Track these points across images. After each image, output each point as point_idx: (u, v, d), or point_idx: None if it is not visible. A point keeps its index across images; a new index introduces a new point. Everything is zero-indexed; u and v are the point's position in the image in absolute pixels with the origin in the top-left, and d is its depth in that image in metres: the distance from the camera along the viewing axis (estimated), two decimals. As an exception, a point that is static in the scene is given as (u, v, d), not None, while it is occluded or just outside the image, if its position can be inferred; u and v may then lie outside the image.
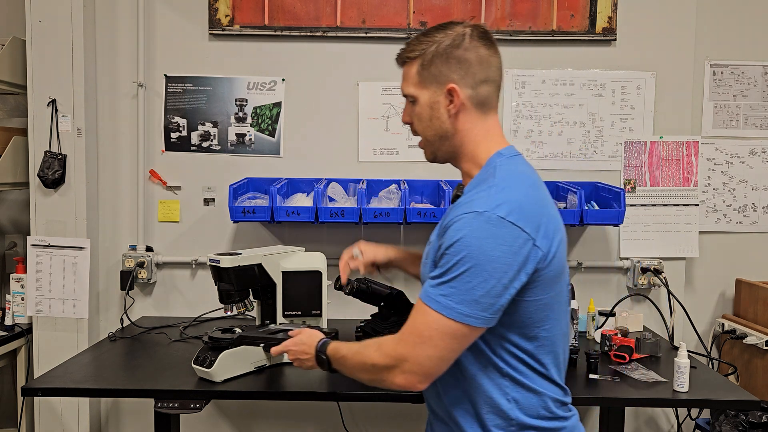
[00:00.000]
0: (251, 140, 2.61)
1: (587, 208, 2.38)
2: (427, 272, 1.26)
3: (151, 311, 2.64)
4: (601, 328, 2.28)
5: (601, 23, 2.59)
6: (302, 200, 2.45)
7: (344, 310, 2.47)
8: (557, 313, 1.27)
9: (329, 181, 2.50)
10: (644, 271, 2.59)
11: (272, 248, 2.10)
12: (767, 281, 2.66)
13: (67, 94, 2.46)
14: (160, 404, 1.72)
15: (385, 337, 1.28)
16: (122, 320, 2.45)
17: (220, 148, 2.61)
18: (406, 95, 1.35)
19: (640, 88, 2.62)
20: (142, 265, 2.54)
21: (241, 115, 2.60)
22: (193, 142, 2.61)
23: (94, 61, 2.54)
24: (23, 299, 2.53)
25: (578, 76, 2.62)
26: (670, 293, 2.56)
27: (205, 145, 2.61)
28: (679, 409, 2.58)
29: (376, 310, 2.12)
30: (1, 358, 2.49)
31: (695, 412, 2.54)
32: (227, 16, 2.57)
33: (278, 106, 2.61)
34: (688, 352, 1.85)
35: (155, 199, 2.62)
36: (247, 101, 2.60)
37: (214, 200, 2.63)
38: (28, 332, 2.53)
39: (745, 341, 2.52)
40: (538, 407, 1.25)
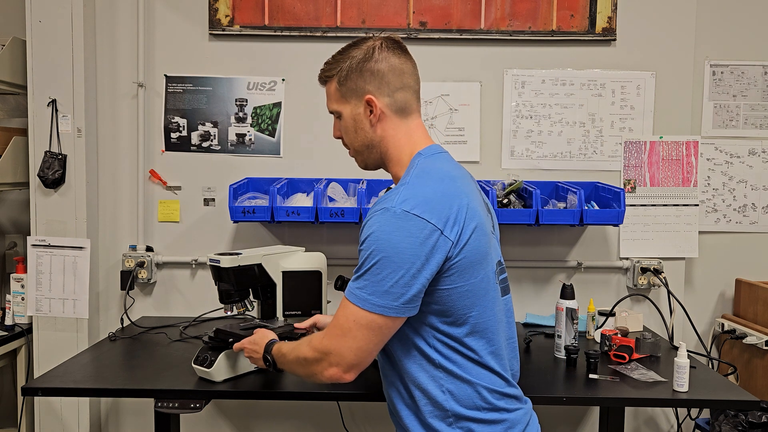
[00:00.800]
0: (251, 140, 2.61)
1: (587, 208, 2.38)
2: None
3: (151, 311, 2.64)
4: (600, 328, 2.28)
5: (600, 23, 2.59)
6: (302, 200, 2.45)
7: (344, 310, 2.47)
8: (486, 300, 1.29)
9: (329, 181, 2.50)
10: (644, 271, 2.59)
11: (272, 248, 2.09)
12: (767, 281, 2.66)
13: (67, 94, 2.46)
14: (160, 404, 1.72)
15: (317, 332, 1.35)
16: (122, 320, 2.45)
17: (220, 148, 2.61)
18: (331, 112, 1.44)
19: (639, 88, 2.62)
20: (142, 265, 2.54)
21: (241, 115, 2.60)
22: (193, 142, 2.62)
23: (94, 61, 2.54)
24: (23, 299, 2.53)
25: (578, 76, 2.62)
26: (669, 293, 2.56)
27: (205, 145, 2.61)
28: (678, 409, 2.58)
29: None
30: (1, 358, 2.49)
31: (695, 412, 2.54)
32: (227, 16, 2.57)
33: (278, 106, 2.61)
34: (687, 352, 1.85)
35: (155, 199, 2.62)
36: (247, 101, 2.60)
37: (214, 200, 2.63)
38: (28, 332, 2.53)
39: (744, 341, 2.52)
40: (473, 397, 1.28)
